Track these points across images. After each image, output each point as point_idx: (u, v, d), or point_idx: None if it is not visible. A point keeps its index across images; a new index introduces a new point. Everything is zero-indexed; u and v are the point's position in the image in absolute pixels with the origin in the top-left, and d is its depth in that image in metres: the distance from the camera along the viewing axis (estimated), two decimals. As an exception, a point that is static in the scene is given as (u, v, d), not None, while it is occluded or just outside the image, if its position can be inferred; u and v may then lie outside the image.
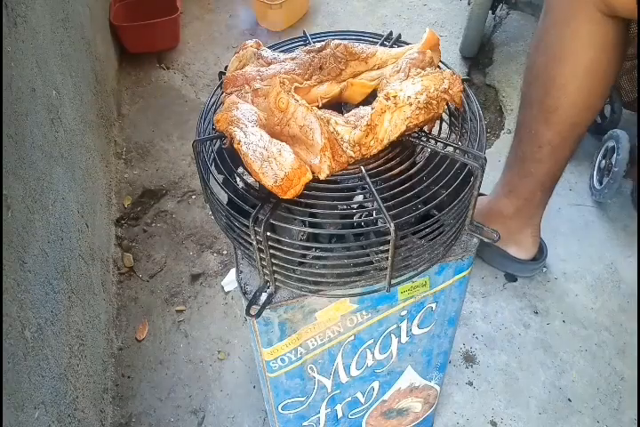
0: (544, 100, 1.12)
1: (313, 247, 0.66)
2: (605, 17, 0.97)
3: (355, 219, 0.70)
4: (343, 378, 0.86)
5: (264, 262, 0.65)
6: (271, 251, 0.63)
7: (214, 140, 0.68)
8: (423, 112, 0.63)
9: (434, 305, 0.80)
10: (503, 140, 1.74)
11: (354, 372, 0.85)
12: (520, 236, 1.37)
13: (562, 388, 1.26)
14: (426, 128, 0.68)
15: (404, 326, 0.81)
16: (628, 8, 0.93)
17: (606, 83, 1.08)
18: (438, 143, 0.66)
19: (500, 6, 1.92)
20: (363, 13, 2.17)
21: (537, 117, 1.15)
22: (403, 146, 0.66)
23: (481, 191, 0.70)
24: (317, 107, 0.67)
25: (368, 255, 0.64)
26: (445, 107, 0.67)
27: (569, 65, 1.05)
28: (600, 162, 1.53)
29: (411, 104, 0.62)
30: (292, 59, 0.71)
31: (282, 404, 0.88)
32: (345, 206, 0.67)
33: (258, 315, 0.68)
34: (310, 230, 0.64)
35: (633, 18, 0.95)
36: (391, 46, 0.78)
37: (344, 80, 0.71)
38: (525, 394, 1.26)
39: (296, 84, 0.68)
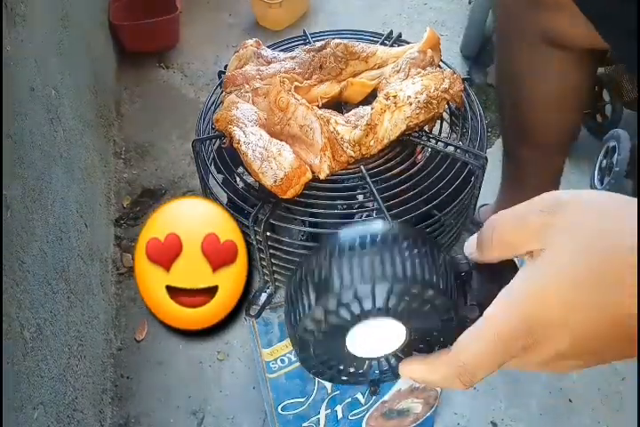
0: (515, 122, 1.10)
1: (313, 247, 0.66)
2: (554, 47, 0.93)
3: (355, 219, 0.70)
4: (343, 379, 0.86)
5: (264, 262, 0.65)
6: (271, 251, 0.63)
7: (214, 140, 0.68)
8: (423, 112, 0.63)
9: (434, 305, 0.80)
10: (503, 139, 1.73)
11: (354, 372, 0.85)
12: None
13: (562, 388, 1.26)
14: (426, 128, 0.67)
15: (404, 326, 0.81)
16: (581, 42, 0.88)
17: (576, 101, 1.04)
18: (439, 143, 0.65)
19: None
20: (363, 12, 2.17)
21: (513, 138, 1.14)
22: (403, 145, 0.66)
23: (482, 199, 0.69)
24: (317, 106, 0.67)
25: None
26: (446, 106, 0.67)
27: (528, 93, 1.03)
28: (601, 162, 1.53)
29: (411, 104, 0.62)
30: (292, 58, 0.71)
31: (281, 405, 0.87)
32: (345, 206, 0.67)
33: (257, 315, 0.67)
34: (310, 230, 0.64)
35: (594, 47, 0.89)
36: (391, 45, 0.77)
37: (344, 79, 0.70)
38: (526, 395, 1.25)
39: (296, 84, 0.67)
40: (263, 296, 0.69)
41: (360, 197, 0.69)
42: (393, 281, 0.34)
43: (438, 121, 0.69)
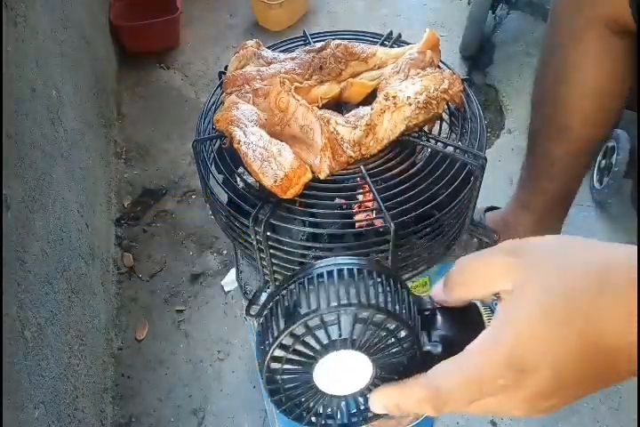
0: (554, 119, 1.09)
1: (313, 247, 0.66)
2: (613, 34, 0.94)
3: (354, 219, 0.70)
4: (343, 378, 0.86)
5: (264, 262, 0.65)
6: (271, 251, 0.63)
7: (214, 140, 0.68)
8: (423, 112, 0.63)
9: (434, 305, 0.80)
10: (503, 139, 1.74)
11: (354, 372, 0.85)
12: None
13: (562, 388, 1.26)
14: (426, 128, 0.68)
15: (404, 325, 0.81)
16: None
17: (618, 100, 1.05)
18: (438, 143, 0.66)
19: (499, 6, 1.92)
20: (363, 13, 2.17)
21: (547, 135, 1.13)
22: (403, 146, 0.66)
23: (481, 200, 0.69)
24: (317, 107, 0.67)
25: (368, 255, 0.64)
26: (445, 107, 0.67)
27: (578, 85, 1.02)
28: (600, 162, 1.53)
29: (410, 104, 0.62)
30: (293, 59, 0.71)
31: (282, 404, 0.88)
32: (345, 206, 0.67)
33: (258, 315, 0.68)
34: (310, 230, 0.64)
35: None
36: (391, 46, 0.77)
37: (344, 80, 0.71)
38: (525, 394, 1.26)
39: (296, 84, 0.68)
40: (263, 296, 0.69)
41: (360, 198, 0.69)
42: (358, 308, 0.35)
43: (438, 121, 0.70)
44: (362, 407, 0.40)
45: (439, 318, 0.38)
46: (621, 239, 1.47)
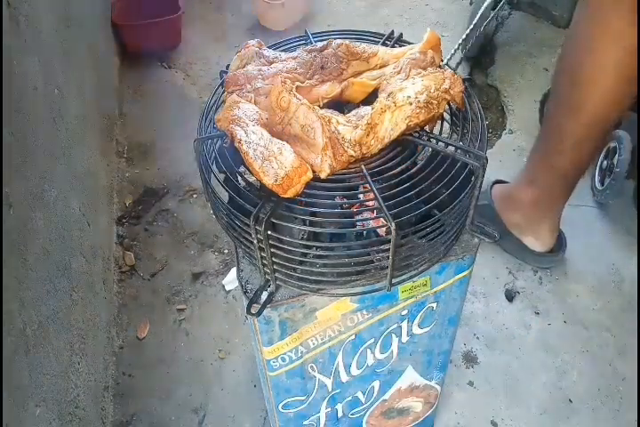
0: (571, 94, 1.11)
1: (314, 246, 0.66)
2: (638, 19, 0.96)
3: (355, 218, 0.70)
4: (344, 377, 0.86)
5: (265, 261, 0.65)
6: (272, 250, 0.63)
7: (215, 139, 0.68)
8: (424, 111, 0.63)
9: (434, 305, 0.80)
10: (505, 140, 1.74)
11: (354, 371, 0.86)
12: (537, 227, 1.37)
13: (562, 388, 1.26)
14: (427, 127, 0.68)
15: (404, 325, 0.81)
16: None
17: (634, 81, 1.06)
18: (439, 143, 0.66)
19: (501, 6, 1.92)
20: (364, 13, 2.17)
21: (562, 110, 1.15)
22: (404, 145, 0.66)
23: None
24: (319, 106, 0.67)
25: (369, 254, 0.64)
26: (447, 106, 0.67)
27: (598, 57, 1.04)
28: (602, 162, 1.53)
29: (411, 103, 0.62)
30: (294, 58, 0.71)
31: (282, 403, 0.88)
32: (345, 205, 0.67)
33: (258, 314, 0.68)
34: (311, 229, 0.64)
35: None
36: (392, 46, 0.78)
37: (345, 79, 0.71)
38: (526, 395, 1.26)
39: (298, 84, 0.68)
40: (264, 295, 0.69)
41: (361, 197, 0.70)
42: None
43: (439, 121, 0.70)
44: None
45: None
46: (622, 240, 1.47)
